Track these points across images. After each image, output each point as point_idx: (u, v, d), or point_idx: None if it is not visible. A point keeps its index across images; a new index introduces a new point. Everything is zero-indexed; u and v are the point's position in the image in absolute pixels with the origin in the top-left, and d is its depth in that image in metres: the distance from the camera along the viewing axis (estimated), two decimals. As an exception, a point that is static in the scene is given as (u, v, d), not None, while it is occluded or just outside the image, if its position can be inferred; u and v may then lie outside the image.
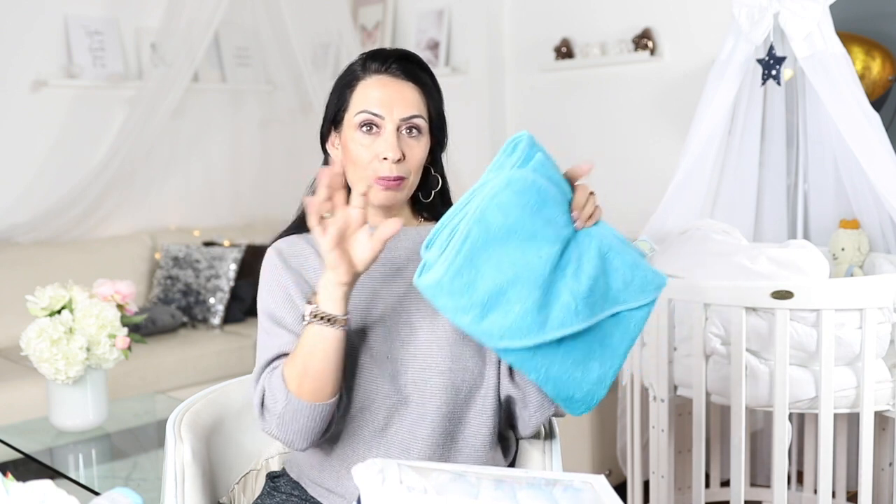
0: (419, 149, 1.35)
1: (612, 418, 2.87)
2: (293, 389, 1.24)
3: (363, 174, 1.34)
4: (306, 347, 1.23)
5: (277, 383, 1.26)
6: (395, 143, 1.32)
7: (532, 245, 1.17)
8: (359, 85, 1.36)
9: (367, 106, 1.33)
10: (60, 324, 2.27)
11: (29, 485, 0.95)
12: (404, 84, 1.35)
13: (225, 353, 3.50)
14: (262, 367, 1.31)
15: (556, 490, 1.10)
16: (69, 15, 3.89)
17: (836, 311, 2.07)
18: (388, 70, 1.35)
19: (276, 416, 1.26)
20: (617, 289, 1.22)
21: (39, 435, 2.47)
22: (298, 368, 1.24)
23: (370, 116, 1.33)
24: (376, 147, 1.32)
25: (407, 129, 1.34)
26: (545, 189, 1.19)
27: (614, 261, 1.22)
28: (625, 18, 3.56)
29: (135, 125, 3.82)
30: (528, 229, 1.16)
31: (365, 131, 1.33)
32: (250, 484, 1.55)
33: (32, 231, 3.74)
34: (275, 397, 1.26)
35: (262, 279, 1.37)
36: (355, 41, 4.14)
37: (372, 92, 1.34)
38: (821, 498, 2.14)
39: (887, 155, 2.36)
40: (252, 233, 4.17)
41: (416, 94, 1.35)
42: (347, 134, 1.36)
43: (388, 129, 1.33)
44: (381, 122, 1.33)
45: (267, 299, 1.35)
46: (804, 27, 2.39)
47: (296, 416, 1.25)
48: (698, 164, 2.61)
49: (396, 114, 1.33)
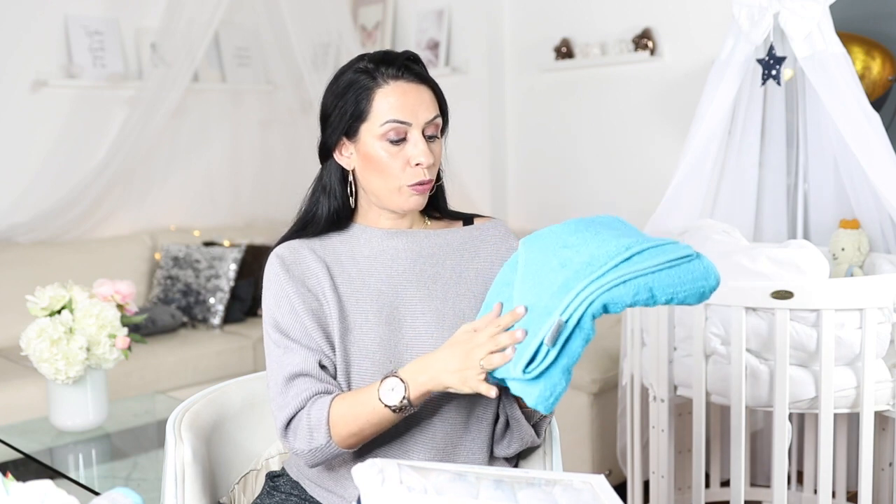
0: (440, 149, 1.37)
1: (612, 418, 2.87)
2: (337, 439, 1.27)
3: (394, 184, 1.33)
4: (372, 420, 1.25)
5: (321, 424, 1.27)
6: (426, 149, 1.32)
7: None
8: (377, 93, 1.32)
9: (392, 115, 1.31)
10: (60, 324, 2.27)
11: (29, 485, 0.95)
12: (420, 87, 1.34)
13: (225, 353, 3.50)
14: (283, 384, 1.31)
15: (555, 490, 1.10)
16: (69, 15, 3.89)
17: (836, 311, 2.07)
18: (403, 76, 1.33)
19: (308, 448, 1.28)
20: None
21: (39, 435, 2.47)
22: (352, 429, 1.26)
23: (398, 125, 1.31)
24: (406, 154, 1.32)
25: (430, 133, 1.34)
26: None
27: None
28: (625, 18, 3.56)
29: (135, 125, 3.82)
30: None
31: (393, 141, 1.32)
32: (250, 484, 1.55)
33: (32, 231, 3.74)
34: (313, 435, 1.27)
35: (267, 288, 1.37)
36: (355, 41, 4.14)
37: (394, 100, 1.32)
38: (821, 498, 2.14)
39: (887, 155, 2.36)
40: (252, 233, 4.17)
41: (432, 95, 1.35)
42: (370, 143, 1.33)
43: (416, 136, 1.32)
44: (408, 129, 1.32)
45: (273, 309, 1.35)
46: (804, 27, 2.39)
47: (327, 455, 1.29)
48: (698, 164, 2.61)
49: (421, 118, 1.32)
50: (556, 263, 1.17)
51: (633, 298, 1.09)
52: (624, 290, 1.09)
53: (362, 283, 1.36)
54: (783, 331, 2.08)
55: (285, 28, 4.11)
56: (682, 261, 1.11)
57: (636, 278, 1.09)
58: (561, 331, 1.08)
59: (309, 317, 1.32)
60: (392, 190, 1.34)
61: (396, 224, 1.41)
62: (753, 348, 2.20)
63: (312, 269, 1.36)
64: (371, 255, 1.38)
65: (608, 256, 1.12)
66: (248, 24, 4.39)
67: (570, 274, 1.13)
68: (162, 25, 3.93)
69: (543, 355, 1.09)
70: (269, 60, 4.40)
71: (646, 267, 1.10)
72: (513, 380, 1.13)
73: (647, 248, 1.12)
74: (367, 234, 1.40)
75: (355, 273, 1.37)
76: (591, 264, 1.13)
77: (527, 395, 1.11)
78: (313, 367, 1.30)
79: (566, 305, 1.10)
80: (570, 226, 1.24)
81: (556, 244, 1.21)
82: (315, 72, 4.09)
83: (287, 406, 1.29)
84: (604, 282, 1.10)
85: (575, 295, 1.09)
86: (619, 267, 1.11)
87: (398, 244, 1.39)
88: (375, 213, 1.40)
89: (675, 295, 1.10)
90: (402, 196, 1.34)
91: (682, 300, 1.11)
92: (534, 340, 1.10)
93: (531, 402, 1.11)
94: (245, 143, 4.47)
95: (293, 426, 1.29)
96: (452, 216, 1.47)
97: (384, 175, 1.33)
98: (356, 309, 1.34)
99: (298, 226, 1.42)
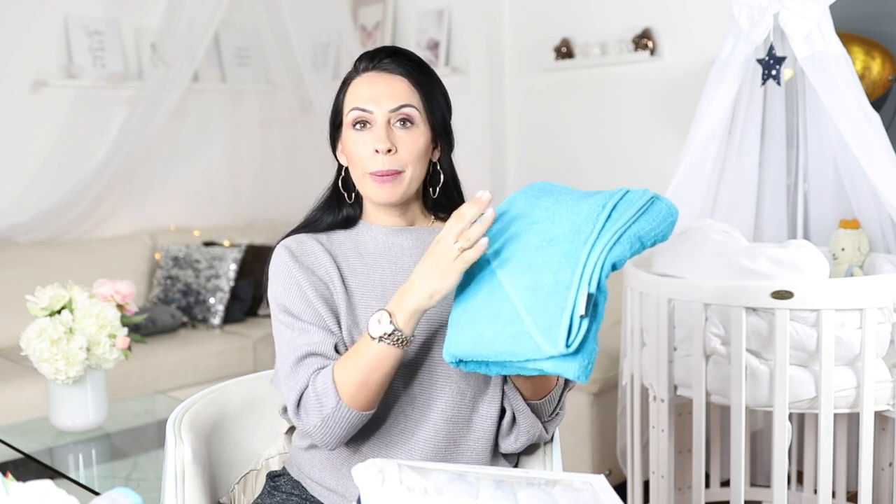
0: (413, 140, 1.34)
1: (612, 418, 2.87)
2: (346, 398, 1.24)
3: (361, 172, 1.34)
4: (371, 363, 1.22)
5: (328, 388, 1.25)
6: (384, 135, 1.32)
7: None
8: (350, 85, 1.38)
9: (356, 103, 1.35)
10: (60, 324, 2.27)
11: (29, 485, 0.95)
12: (392, 77, 1.35)
13: (225, 353, 3.50)
14: (294, 364, 1.30)
15: (555, 490, 1.10)
16: (69, 15, 3.89)
17: (836, 311, 2.07)
18: (375, 67, 1.36)
19: (320, 418, 1.26)
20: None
21: (39, 435, 2.47)
22: (356, 380, 1.23)
23: (360, 112, 1.34)
24: (369, 141, 1.33)
25: (399, 122, 1.34)
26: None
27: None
28: (625, 18, 3.56)
29: (135, 125, 3.82)
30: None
31: (358, 129, 1.34)
32: (250, 484, 1.55)
33: (32, 231, 3.74)
34: (322, 401, 1.25)
35: (274, 274, 1.37)
36: (355, 41, 4.14)
37: (361, 89, 1.35)
38: (821, 498, 2.14)
39: (887, 155, 2.36)
40: (252, 233, 4.17)
41: (405, 86, 1.35)
42: (345, 134, 1.37)
43: (379, 123, 1.33)
44: (370, 116, 1.34)
45: (281, 294, 1.34)
46: (804, 27, 2.39)
47: (341, 422, 1.26)
48: (698, 164, 2.61)
49: (384, 105, 1.33)
50: (537, 241, 1.18)
51: (631, 251, 1.16)
52: (621, 248, 1.15)
53: (367, 279, 1.36)
54: (783, 331, 2.08)
55: (285, 28, 4.11)
56: (647, 204, 1.20)
57: (625, 232, 1.16)
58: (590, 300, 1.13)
59: (321, 302, 1.32)
60: (360, 178, 1.35)
61: (395, 221, 1.41)
62: (753, 348, 2.20)
63: (321, 260, 1.36)
64: (376, 252, 1.39)
65: (590, 219, 1.17)
66: (248, 24, 4.39)
67: (565, 246, 1.16)
68: (162, 25, 3.93)
69: (578, 327, 1.11)
70: (269, 60, 4.40)
71: (627, 220, 1.17)
72: (548, 359, 1.13)
73: (617, 201, 1.19)
74: (372, 231, 1.40)
75: (360, 268, 1.37)
76: (580, 231, 1.16)
77: (566, 369, 1.12)
78: (328, 349, 1.29)
79: (582, 275, 1.12)
80: (519, 202, 1.26)
81: (521, 223, 1.22)
82: (315, 72, 4.09)
83: (296, 385, 1.28)
84: (602, 244, 1.14)
85: (584, 263, 1.13)
86: (606, 227, 1.17)
87: (403, 241, 1.39)
88: (375, 211, 1.41)
89: (656, 237, 1.20)
90: (367, 185, 1.35)
91: (663, 237, 1.21)
92: (562, 317, 1.11)
93: (573, 375, 1.12)
94: (245, 143, 4.47)
95: (303, 403, 1.27)
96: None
97: (353, 163, 1.36)
98: (362, 303, 1.34)
99: (304, 223, 1.43)
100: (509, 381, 1.36)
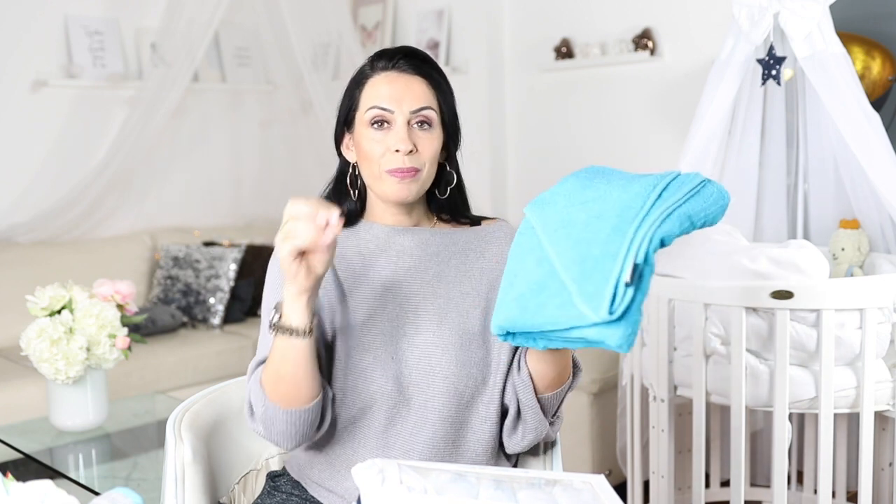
0: (431, 141, 1.36)
1: (612, 418, 2.87)
2: (269, 395, 1.27)
3: (377, 170, 1.35)
4: (277, 354, 1.25)
5: (257, 387, 1.28)
6: (406, 136, 1.33)
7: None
8: (367, 83, 1.37)
9: (376, 101, 1.34)
10: (60, 324, 2.27)
11: (29, 485, 0.95)
12: (412, 78, 1.36)
13: (225, 353, 3.50)
14: (252, 368, 1.34)
15: (555, 490, 1.10)
16: (69, 15, 3.89)
17: (836, 311, 2.07)
18: (395, 66, 1.36)
19: (258, 419, 1.30)
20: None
21: (39, 435, 2.47)
22: (272, 376, 1.26)
23: (380, 112, 1.34)
24: (388, 141, 1.33)
25: (418, 123, 1.35)
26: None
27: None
28: (625, 18, 3.56)
29: (135, 125, 3.82)
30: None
31: (376, 127, 1.35)
32: (250, 484, 1.55)
33: (32, 231, 3.73)
34: (255, 401, 1.29)
35: (268, 275, 1.40)
36: (355, 41, 4.14)
37: (380, 88, 1.35)
38: (821, 498, 2.14)
39: (887, 155, 2.36)
40: (252, 233, 4.16)
41: (425, 87, 1.36)
42: (360, 132, 1.37)
43: (399, 123, 1.34)
44: (391, 116, 1.34)
45: (265, 294, 1.38)
46: (804, 27, 2.39)
47: (274, 421, 1.28)
48: (698, 165, 2.61)
49: (406, 107, 1.34)
50: (585, 217, 1.20)
51: (680, 229, 1.19)
52: (670, 224, 1.18)
53: (366, 278, 1.37)
54: (783, 331, 2.08)
55: (285, 28, 4.11)
56: (699, 187, 1.24)
57: (675, 210, 1.19)
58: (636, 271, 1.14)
59: (271, 313, 1.32)
60: (376, 176, 1.35)
61: (400, 221, 1.41)
62: (753, 348, 2.20)
63: None
64: (376, 251, 1.39)
65: (640, 198, 1.19)
66: (248, 24, 4.39)
67: (614, 221, 1.17)
68: (162, 25, 3.93)
69: (622, 295, 1.11)
70: (269, 60, 4.40)
71: (677, 199, 1.20)
72: (591, 326, 1.13)
73: (669, 182, 1.22)
74: (374, 230, 1.41)
75: (360, 267, 1.38)
76: (630, 207, 1.18)
77: (609, 336, 1.12)
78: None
79: (630, 245, 1.14)
80: (570, 183, 1.27)
81: (570, 202, 1.24)
82: (315, 72, 4.09)
83: (246, 390, 1.32)
84: (652, 219, 1.16)
85: (633, 236, 1.15)
86: (656, 205, 1.19)
87: (404, 241, 1.39)
88: (381, 209, 1.41)
89: (706, 218, 1.24)
90: (384, 183, 1.35)
91: (713, 221, 1.26)
92: (607, 284, 1.12)
93: (615, 342, 1.12)
94: (245, 143, 4.47)
95: (251, 408, 1.31)
96: (461, 220, 1.47)
97: (369, 161, 1.35)
98: (359, 303, 1.35)
99: None
100: (522, 372, 1.35)
